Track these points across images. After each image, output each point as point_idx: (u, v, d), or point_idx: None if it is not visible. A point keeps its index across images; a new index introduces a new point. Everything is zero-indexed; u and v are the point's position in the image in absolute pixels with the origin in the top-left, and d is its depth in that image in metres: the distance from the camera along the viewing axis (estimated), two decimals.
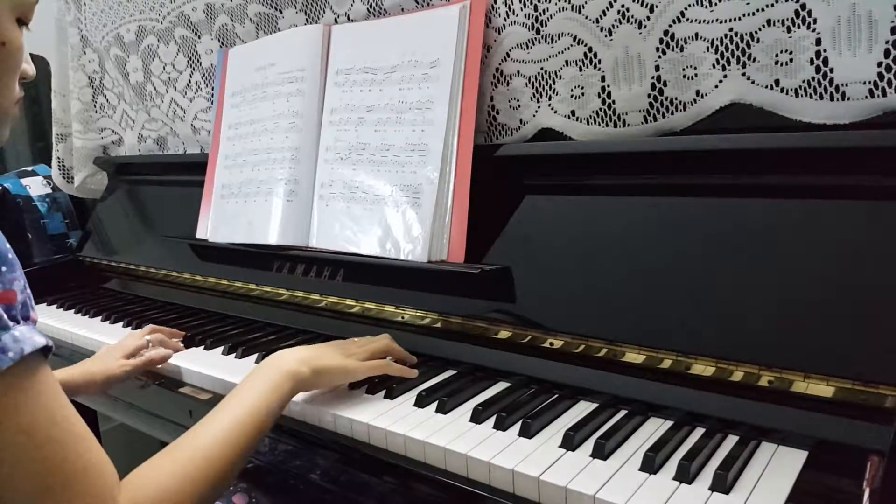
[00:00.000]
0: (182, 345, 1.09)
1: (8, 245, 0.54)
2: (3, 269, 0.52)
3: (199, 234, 1.31)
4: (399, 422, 0.77)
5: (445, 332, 0.95)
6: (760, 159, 0.77)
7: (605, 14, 0.87)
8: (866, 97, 0.72)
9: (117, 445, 1.69)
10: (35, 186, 1.84)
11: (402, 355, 0.92)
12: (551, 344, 0.84)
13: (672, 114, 0.86)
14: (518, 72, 0.97)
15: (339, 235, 1.07)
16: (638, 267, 0.81)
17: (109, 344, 1.15)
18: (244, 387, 0.73)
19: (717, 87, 0.81)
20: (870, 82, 0.71)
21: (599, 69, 0.89)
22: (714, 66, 0.81)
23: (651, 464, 0.65)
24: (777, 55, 0.76)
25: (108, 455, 0.57)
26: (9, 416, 0.51)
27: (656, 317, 0.78)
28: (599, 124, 0.92)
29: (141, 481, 0.59)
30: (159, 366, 1.03)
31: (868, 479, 0.58)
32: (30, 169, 1.90)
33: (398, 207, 1.00)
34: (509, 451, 0.69)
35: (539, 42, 0.93)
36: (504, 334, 0.89)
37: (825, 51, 0.73)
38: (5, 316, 0.51)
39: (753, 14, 0.77)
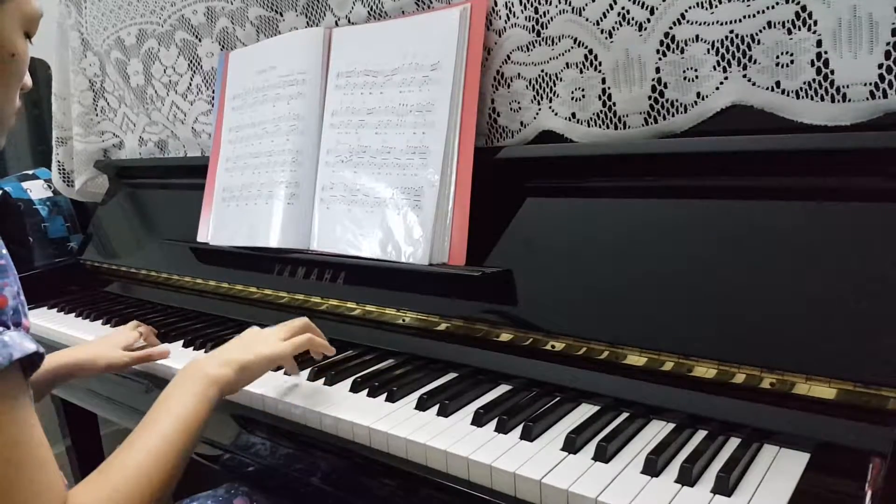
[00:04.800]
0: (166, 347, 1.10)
1: (4, 251, 0.54)
2: None
3: (200, 238, 1.31)
4: (400, 425, 0.77)
5: (447, 335, 0.95)
6: (761, 161, 0.77)
7: (605, 16, 0.87)
8: (867, 99, 0.72)
9: None
10: (36, 190, 1.84)
11: (319, 334, 0.89)
12: (553, 346, 0.84)
13: (673, 116, 0.86)
14: (519, 74, 0.97)
15: (340, 238, 1.07)
16: (639, 269, 0.81)
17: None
18: (170, 398, 0.72)
19: (717, 88, 0.81)
20: (870, 84, 0.71)
21: (600, 71, 0.89)
22: (715, 68, 0.81)
23: (653, 466, 0.64)
24: (778, 57, 0.76)
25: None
26: None
27: (658, 319, 0.78)
28: (600, 126, 0.92)
29: (78, 502, 0.57)
30: (159, 361, 1.06)
31: (870, 481, 0.58)
32: (30, 172, 1.90)
33: (399, 210, 1.00)
34: (511, 455, 0.69)
35: (540, 44, 0.93)
36: (505, 337, 0.89)
37: (826, 52, 0.73)
38: None
39: (754, 16, 0.77)
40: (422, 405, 0.81)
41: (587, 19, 0.88)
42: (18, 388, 0.53)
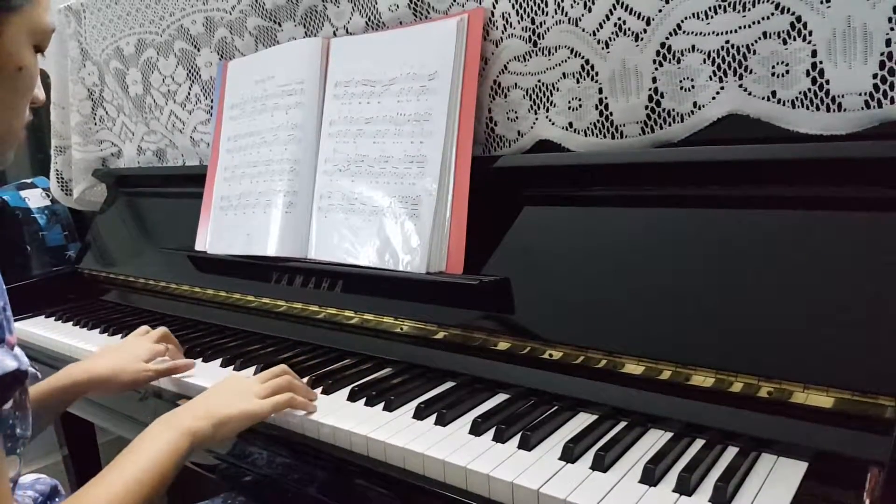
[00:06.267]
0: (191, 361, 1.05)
1: None
2: None
3: (198, 246, 1.31)
4: (398, 434, 0.77)
5: (444, 344, 0.95)
6: (757, 170, 0.77)
7: (601, 27, 0.87)
8: (862, 108, 0.72)
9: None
10: (34, 199, 1.84)
11: (303, 389, 0.86)
12: (550, 355, 0.84)
13: (669, 125, 0.86)
14: (516, 84, 0.97)
15: (338, 247, 1.07)
16: (636, 278, 0.81)
17: None
18: (140, 445, 0.69)
19: (714, 98, 0.82)
20: (866, 93, 0.72)
21: (597, 81, 0.90)
22: (711, 78, 0.81)
23: (651, 476, 0.64)
24: (773, 67, 0.77)
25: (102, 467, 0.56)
26: None
27: (655, 327, 0.78)
28: (597, 136, 0.92)
29: None
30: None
31: (868, 490, 0.58)
32: (29, 181, 1.91)
33: (397, 219, 1.00)
34: (509, 464, 0.69)
35: (536, 54, 0.94)
36: (503, 345, 0.89)
37: (821, 62, 0.74)
38: None
39: (749, 26, 0.77)
40: (419, 414, 0.81)
41: (583, 29, 0.89)
42: None
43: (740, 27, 0.78)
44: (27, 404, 0.58)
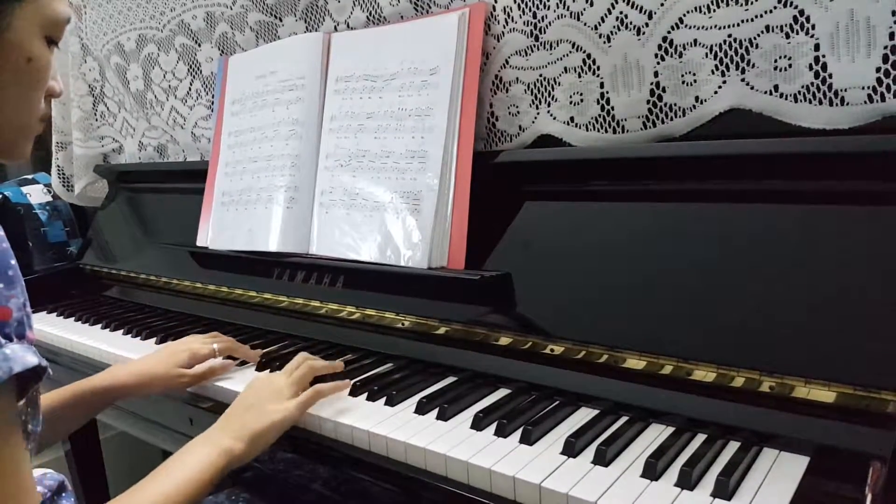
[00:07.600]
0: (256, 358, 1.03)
1: (13, 261, 0.53)
2: (0, 285, 0.51)
3: (200, 242, 1.31)
4: (399, 429, 0.77)
5: (446, 339, 0.95)
6: (760, 165, 0.77)
7: (603, 21, 0.87)
8: (865, 102, 0.72)
9: (117, 454, 1.69)
10: (35, 194, 1.84)
11: (328, 368, 0.88)
12: (552, 350, 0.84)
13: (671, 120, 0.86)
14: (517, 78, 0.97)
15: (340, 242, 1.07)
16: (638, 273, 0.81)
17: (110, 351, 1.16)
18: (181, 458, 0.72)
19: (716, 92, 0.81)
20: (868, 87, 0.71)
21: (598, 75, 0.90)
22: (713, 72, 0.81)
23: (653, 470, 0.64)
24: (776, 61, 0.77)
25: (107, 464, 0.57)
26: None
27: (657, 323, 0.78)
28: (598, 130, 0.92)
29: None
30: None
31: (870, 484, 0.58)
32: (30, 177, 1.91)
33: (398, 214, 1.00)
34: (510, 458, 0.69)
35: (538, 49, 0.94)
36: (504, 341, 0.89)
37: (824, 56, 0.74)
38: None
39: (752, 20, 0.77)
40: (421, 409, 0.81)
41: (585, 24, 0.88)
42: (11, 407, 0.52)
43: (742, 21, 0.77)
44: (39, 401, 0.58)
